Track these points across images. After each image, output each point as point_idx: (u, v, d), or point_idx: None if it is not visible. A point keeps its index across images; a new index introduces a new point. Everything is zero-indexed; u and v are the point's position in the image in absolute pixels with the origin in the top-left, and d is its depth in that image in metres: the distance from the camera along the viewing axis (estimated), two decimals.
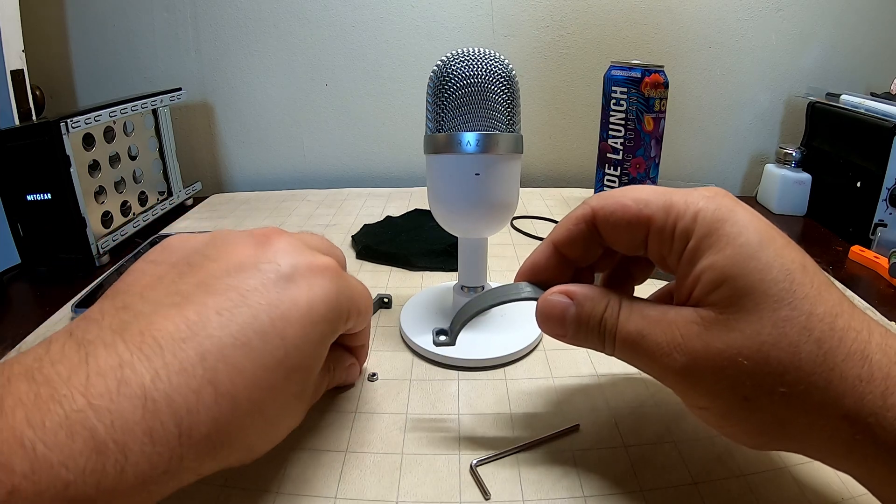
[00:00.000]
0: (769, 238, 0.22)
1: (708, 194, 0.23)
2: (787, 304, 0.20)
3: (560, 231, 0.27)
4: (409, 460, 0.28)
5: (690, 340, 0.22)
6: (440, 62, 0.34)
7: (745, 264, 0.21)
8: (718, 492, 0.26)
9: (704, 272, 0.22)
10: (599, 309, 0.24)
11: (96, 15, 0.76)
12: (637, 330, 0.23)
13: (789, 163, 0.69)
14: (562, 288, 0.26)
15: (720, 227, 0.22)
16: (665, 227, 0.23)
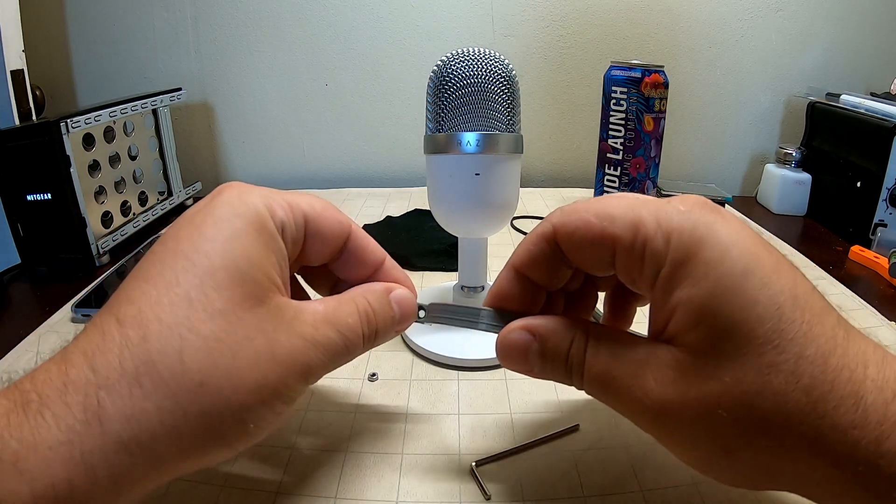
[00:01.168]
0: (755, 262, 0.19)
1: (683, 208, 0.20)
2: (773, 348, 0.18)
3: (520, 253, 0.24)
4: (409, 460, 0.28)
5: (664, 387, 0.20)
6: (440, 62, 0.34)
7: (725, 300, 0.18)
8: (718, 492, 0.26)
9: (680, 306, 0.19)
10: (564, 346, 0.22)
11: (96, 15, 0.76)
12: (604, 371, 0.21)
13: (789, 163, 0.69)
14: (522, 323, 0.24)
15: (697, 251, 0.19)
16: (633, 249, 0.21)
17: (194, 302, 0.19)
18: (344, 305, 0.23)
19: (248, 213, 0.21)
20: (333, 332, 0.22)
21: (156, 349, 0.18)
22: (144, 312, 0.18)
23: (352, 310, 0.23)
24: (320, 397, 0.33)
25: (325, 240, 0.24)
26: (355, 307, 0.23)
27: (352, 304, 0.23)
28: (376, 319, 0.24)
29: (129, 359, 0.18)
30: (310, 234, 0.24)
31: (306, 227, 0.24)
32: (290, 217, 0.23)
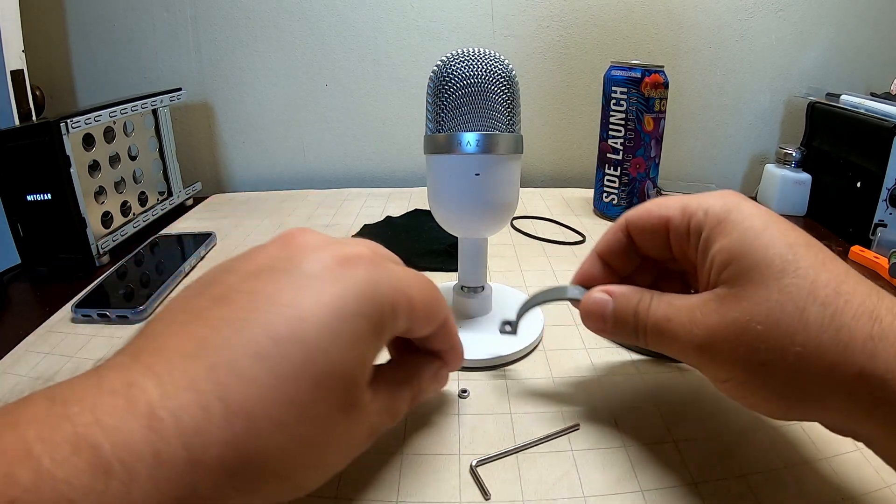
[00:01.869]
0: (773, 221, 0.24)
1: (718, 194, 0.26)
2: (790, 273, 0.22)
3: (601, 242, 0.31)
4: (409, 460, 0.28)
5: (708, 316, 0.24)
6: (440, 62, 0.34)
7: (749, 243, 0.23)
8: (718, 492, 0.26)
9: (716, 256, 0.24)
10: (633, 302, 0.27)
11: (96, 15, 0.76)
12: (664, 315, 0.26)
13: (789, 163, 0.69)
14: (602, 287, 0.29)
15: (727, 216, 0.24)
16: (681, 225, 0.26)
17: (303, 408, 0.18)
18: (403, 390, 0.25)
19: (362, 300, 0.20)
20: (388, 419, 0.24)
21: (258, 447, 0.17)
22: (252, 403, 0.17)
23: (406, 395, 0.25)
24: None
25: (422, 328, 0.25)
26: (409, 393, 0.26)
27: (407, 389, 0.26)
28: (420, 396, 0.27)
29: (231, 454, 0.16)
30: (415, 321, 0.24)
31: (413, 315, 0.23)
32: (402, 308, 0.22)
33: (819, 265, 0.22)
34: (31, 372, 0.36)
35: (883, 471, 0.25)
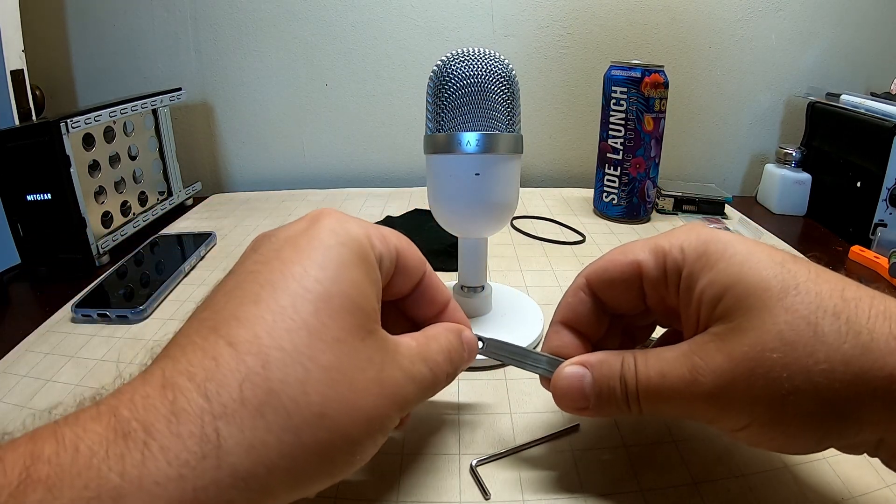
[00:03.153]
0: (754, 244, 0.23)
1: (685, 229, 0.24)
2: (792, 290, 0.20)
3: (561, 308, 0.27)
4: (409, 460, 0.28)
5: (711, 359, 0.21)
6: (440, 62, 0.34)
7: (739, 270, 0.21)
8: (718, 492, 0.26)
9: (704, 292, 0.22)
10: (616, 366, 0.24)
11: (96, 15, 0.76)
12: (657, 372, 0.23)
13: (789, 163, 0.69)
14: (574, 359, 0.25)
15: (706, 248, 0.23)
16: (656, 268, 0.24)
17: (313, 330, 0.18)
18: (432, 342, 0.24)
19: (352, 243, 0.21)
20: (426, 368, 0.22)
21: (278, 378, 0.17)
22: (262, 339, 0.17)
23: (439, 348, 0.24)
24: None
25: (408, 274, 0.25)
26: (440, 346, 0.24)
27: (437, 342, 0.24)
28: (457, 361, 0.25)
29: (249, 388, 0.17)
30: (398, 269, 0.24)
31: (397, 263, 0.24)
32: (385, 250, 0.23)
33: (816, 277, 0.21)
34: (31, 372, 0.36)
35: (883, 471, 0.25)
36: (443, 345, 0.24)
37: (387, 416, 0.20)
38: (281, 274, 0.19)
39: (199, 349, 0.17)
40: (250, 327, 0.18)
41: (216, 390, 0.16)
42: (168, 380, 0.16)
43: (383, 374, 0.20)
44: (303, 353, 0.18)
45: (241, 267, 0.21)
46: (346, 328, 0.19)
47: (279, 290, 0.19)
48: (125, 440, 0.15)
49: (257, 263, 0.20)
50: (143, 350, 0.38)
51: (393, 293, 0.26)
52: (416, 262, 0.25)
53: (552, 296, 0.45)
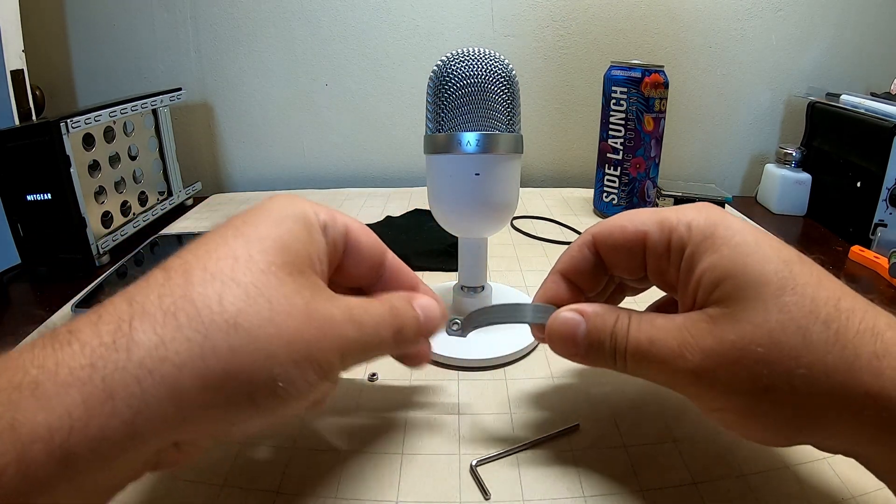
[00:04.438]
0: (763, 237, 0.23)
1: (696, 208, 0.24)
2: (789, 290, 0.21)
3: (564, 259, 0.28)
4: (409, 460, 0.28)
5: (702, 338, 0.22)
6: (440, 62, 0.34)
7: (743, 260, 0.22)
8: (718, 491, 0.26)
9: (705, 274, 0.22)
10: (610, 321, 0.24)
11: (96, 15, 0.76)
12: (648, 337, 0.23)
13: (789, 163, 0.69)
14: (572, 306, 0.26)
15: (714, 230, 0.23)
16: (660, 241, 0.24)
17: (240, 259, 0.19)
18: (376, 301, 0.24)
19: (295, 212, 0.23)
20: (366, 314, 0.23)
21: (197, 289, 0.18)
22: (191, 264, 0.19)
23: (381, 304, 0.24)
24: None
25: (362, 256, 0.26)
26: (383, 304, 0.24)
27: (381, 301, 0.25)
28: (401, 318, 0.25)
29: (168, 295, 0.18)
30: (350, 246, 0.25)
31: (346, 238, 0.25)
32: (331, 221, 0.24)
33: (816, 282, 0.21)
34: None
35: None
36: (385, 304, 0.24)
37: (316, 346, 0.20)
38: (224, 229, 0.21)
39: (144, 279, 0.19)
40: (183, 257, 0.20)
41: (139, 298, 0.18)
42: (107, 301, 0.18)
43: (314, 307, 0.20)
44: (224, 273, 0.19)
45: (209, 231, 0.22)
46: (276, 262, 0.20)
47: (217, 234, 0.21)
48: (52, 343, 0.17)
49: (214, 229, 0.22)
50: None
51: (352, 277, 0.26)
52: (370, 244, 0.26)
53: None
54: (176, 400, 0.17)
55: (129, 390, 0.16)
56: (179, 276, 0.18)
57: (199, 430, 0.18)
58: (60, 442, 0.15)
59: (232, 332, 0.18)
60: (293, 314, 0.19)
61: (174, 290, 0.18)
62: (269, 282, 0.19)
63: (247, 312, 0.18)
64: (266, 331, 0.18)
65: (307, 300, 0.20)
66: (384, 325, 0.24)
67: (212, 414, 0.18)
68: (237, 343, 0.18)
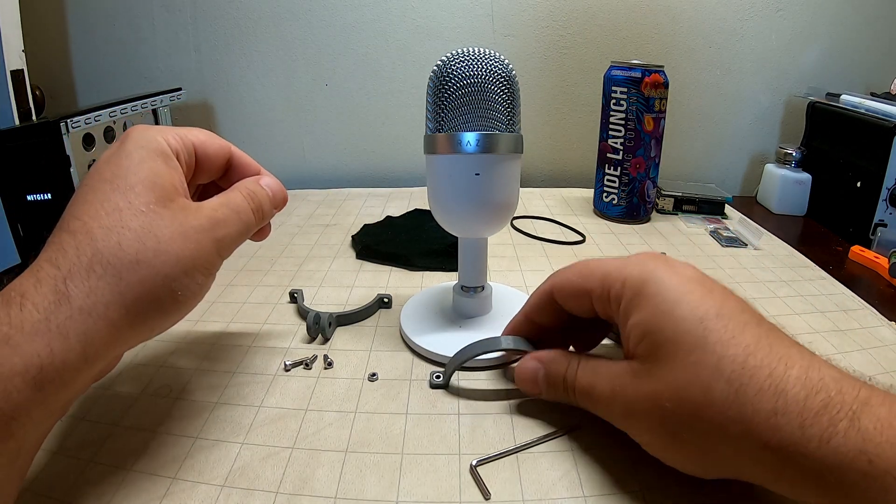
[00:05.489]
0: (686, 292, 0.25)
1: (637, 260, 0.27)
2: (699, 349, 0.23)
3: (529, 303, 0.33)
4: (409, 460, 0.28)
5: (625, 389, 0.26)
6: (440, 62, 0.34)
7: (660, 320, 0.24)
8: (718, 492, 0.26)
9: (632, 329, 0.26)
10: (562, 369, 0.29)
11: (96, 15, 0.76)
12: (588, 383, 0.28)
13: (789, 163, 0.69)
14: (534, 354, 0.31)
15: (642, 288, 0.26)
16: (602, 295, 0.28)
17: (122, 209, 0.25)
18: (231, 193, 0.30)
19: (149, 145, 0.27)
20: (228, 210, 0.29)
21: (101, 244, 0.24)
22: (89, 224, 0.24)
23: (237, 194, 0.30)
24: (320, 397, 0.33)
25: (211, 159, 0.31)
26: (239, 192, 0.30)
27: (236, 190, 0.30)
28: (257, 198, 0.31)
29: (83, 255, 0.23)
30: (199, 155, 0.30)
31: (196, 150, 0.30)
32: (181, 145, 0.29)
33: (727, 340, 0.23)
34: None
35: None
36: (241, 191, 0.30)
37: (197, 255, 0.26)
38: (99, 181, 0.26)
39: (54, 242, 0.24)
40: (80, 218, 0.24)
41: (62, 262, 0.23)
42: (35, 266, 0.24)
43: (188, 226, 0.26)
44: (116, 224, 0.24)
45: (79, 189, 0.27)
46: (151, 201, 0.25)
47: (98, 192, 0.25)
48: (8, 306, 0.22)
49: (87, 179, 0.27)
50: (143, 350, 0.38)
51: (205, 175, 0.32)
52: (216, 148, 0.31)
53: None
54: (111, 328, 0.23)
55: (77, 330, 0.22)
56: (84, 237, 0.24)
57: (127, 341, 0.25)
58: (34, 375, 0.21)
59: (136, 267, 0.24)
60: (175, 238, 0.25)
61: (85, 249, 0.23)
62: (151, 220, 0.25)
63: (142, 249, 0.24)
64: (160, 259, 0.25)
65: (181, 222, 0.26)
66: (245, 211, 0.30)
67: (136, 329, 0.24)
68: (142, 274, 0.24)
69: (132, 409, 0.32)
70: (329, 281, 0.49)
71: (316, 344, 0.39)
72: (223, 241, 0.28)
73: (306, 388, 0.34)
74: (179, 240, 0.25)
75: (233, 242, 0.29)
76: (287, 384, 0.34)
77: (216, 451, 0.29)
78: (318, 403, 0.33)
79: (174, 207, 0.26)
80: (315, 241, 0.58)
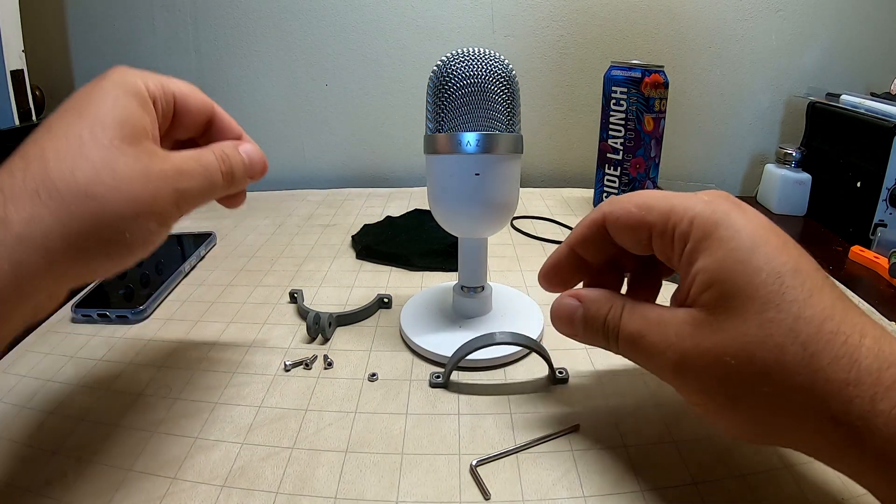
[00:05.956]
0: (763, 241, 0.22)
1: (706, 198, 0.25)
2: (773, 307, 0.21)
3: (575, 234, 0.30)
4: (409, 460, 0.28)
5: (682, 340, 0.23)
6: (440, 62, 0.34)
7: (733, 268, 0.22)
8: (718, 492, 0.26)
9: (698, 274, 0.23)
10: (603, 311, 0.27)
11: (96, 15, 0.76)
12: (636, 330, 0.25)
13: (789, 163, 0.69)
14: (572, 291, 0.29)
15: (714, 230, 0.23)
16: (665, 232, 0.25)
17: (84, 139, 0.23)
18: (204, 150, 0.28)
19: (125, 84, 0.26)
20: (197, 165, 0.27)
21: (53, 169, 0.22)
22: (45, 149, 0.23)
23: (209, 153, 0.28)
24: (320, 397, 0.33)
25: (191, 113, 0.30)
26: (212, 151, 0.29)
27: (209, 150, 0.29)
28: (230, 161, 0.29)
29: (30, 179, 0.22)
30: (179, 107, 0.29)
31: (175, 101, 0.29)
32: (160, 92, 0.28)
33: (805, 299, 0.21)
34: (30, 372, 0.36)
35: None
36: (215, 151, 0.29)
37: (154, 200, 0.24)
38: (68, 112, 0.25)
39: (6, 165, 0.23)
40: (38, 144, 0.23)
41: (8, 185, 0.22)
42: None
43: (150, 169, 0.25)
44: (75, 153, 0.23)
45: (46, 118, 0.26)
46: (116, 137, 0.24)
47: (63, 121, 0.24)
48: None
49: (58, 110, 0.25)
50: (143, 350, 0.38)
51: (183, 130, 0.30)
52: (198, 103, 0.30)
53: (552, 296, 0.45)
54: (48, 258, 0.21)
55: (12, 257, 0.21)
56: (37, 161, 0.22)
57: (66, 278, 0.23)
58: None
59: (86, 199, 0.22)
60: (134, 178, 0.24)
61: (33, 173, 0.22)
62: (112, 155, 0.23)
63: (96, 182, 0.22)
64: (113, 195, 0.23)
65: (145, 164, 0.24)
66: (214, 170, 0.28)
67: (76, 266, 0.23)
68: (91, 208, 0.22)
69: (132, 409, 0.32)
70: (329, 281, 0.49)
71: (316, 344, 0.39)
72: (184, 194, 0.26)
73: (306, 388, 0.34)
74: (139, 181, 0.24)
75: (193, 198, 0.27)
76: (287, 384, 0.34)
77: (216, 451, 0.29)
78: (318, 403, 0.33)
79: (140, 148, 0.25)
80: (315, 241, 0.58)
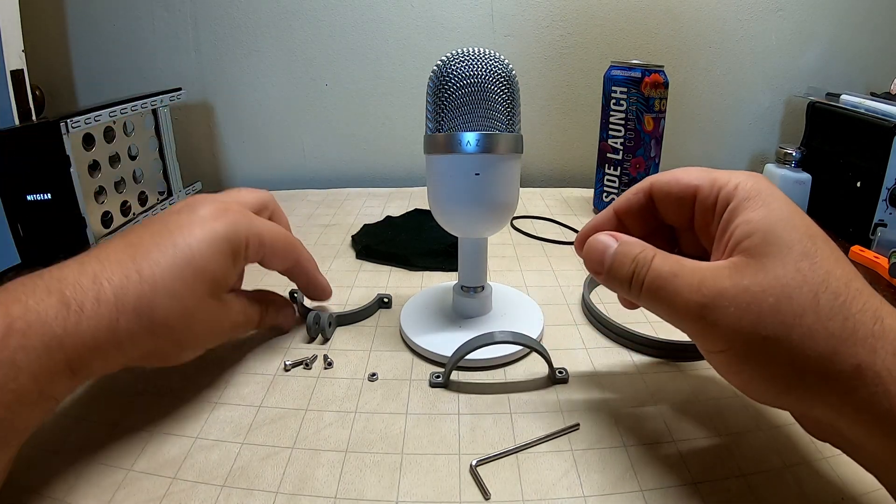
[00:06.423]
0: (799, 213, 0.25)
1: (747, 173, 0.27)
2: (809, 259, 0.22)
3: (621, 200, 0.31)
4: (409, 460, 0.28)
5: (720, 279, 0.23)
6: (440, 62, 0.34)
7: (776, 221, 0.24)
8: (718, 492, 0.26)
9: (739, 226, 0.24)
10: (636, 250, 0.27)
11: (96, 15, 0.76)
12: (670, 269, 0.25)
13: (789, 163, 0.69)
14: (610, 231, 0.29)
15: (757, 194, 0.25)
16: (709, 196, 0.27)
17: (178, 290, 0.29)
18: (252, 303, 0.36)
19: (228, 239, 0.31)
20: (242, 317, 0.35)
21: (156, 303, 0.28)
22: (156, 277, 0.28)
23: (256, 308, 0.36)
24: (320, 397, 0.33)
25: (276, 262, 0.37)
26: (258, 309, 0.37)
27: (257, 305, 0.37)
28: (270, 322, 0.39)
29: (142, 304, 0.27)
30: (265, 256, 0.35)
31: (264, 252, 0.35)
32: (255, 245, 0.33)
33: (834, 260, 0.23)
34: None
35: None
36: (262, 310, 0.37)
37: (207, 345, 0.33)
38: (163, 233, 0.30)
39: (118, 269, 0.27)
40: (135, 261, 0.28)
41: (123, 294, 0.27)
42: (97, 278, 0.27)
43: (216, 325, 0.32)
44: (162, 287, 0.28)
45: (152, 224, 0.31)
46: (206, 293, 0.30)
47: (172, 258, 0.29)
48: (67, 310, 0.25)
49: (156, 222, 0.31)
50: None
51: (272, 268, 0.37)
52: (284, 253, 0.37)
53: (552, 296, 0.45)
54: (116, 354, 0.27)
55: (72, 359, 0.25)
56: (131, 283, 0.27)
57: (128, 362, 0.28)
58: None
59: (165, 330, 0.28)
60: (204, 322, 0.31)
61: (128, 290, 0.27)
62: (195, 304, 0.29)
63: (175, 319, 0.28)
64: (184, 334, 0.30)
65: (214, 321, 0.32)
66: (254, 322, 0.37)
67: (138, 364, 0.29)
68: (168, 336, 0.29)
69: (132, 409, 0.32)
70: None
71: (316, 344, 0.39)
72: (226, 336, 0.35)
73: (306, 388, 0.34)
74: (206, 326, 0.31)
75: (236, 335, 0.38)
76: (287, 384, 0.34)
77: (216, 451, 0.29)
78: (318, 403, 0.33)
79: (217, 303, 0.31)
80: (315, 241, 0.58)
